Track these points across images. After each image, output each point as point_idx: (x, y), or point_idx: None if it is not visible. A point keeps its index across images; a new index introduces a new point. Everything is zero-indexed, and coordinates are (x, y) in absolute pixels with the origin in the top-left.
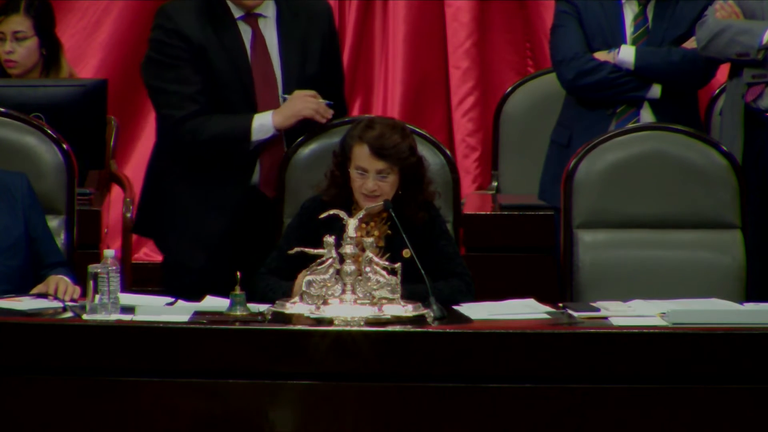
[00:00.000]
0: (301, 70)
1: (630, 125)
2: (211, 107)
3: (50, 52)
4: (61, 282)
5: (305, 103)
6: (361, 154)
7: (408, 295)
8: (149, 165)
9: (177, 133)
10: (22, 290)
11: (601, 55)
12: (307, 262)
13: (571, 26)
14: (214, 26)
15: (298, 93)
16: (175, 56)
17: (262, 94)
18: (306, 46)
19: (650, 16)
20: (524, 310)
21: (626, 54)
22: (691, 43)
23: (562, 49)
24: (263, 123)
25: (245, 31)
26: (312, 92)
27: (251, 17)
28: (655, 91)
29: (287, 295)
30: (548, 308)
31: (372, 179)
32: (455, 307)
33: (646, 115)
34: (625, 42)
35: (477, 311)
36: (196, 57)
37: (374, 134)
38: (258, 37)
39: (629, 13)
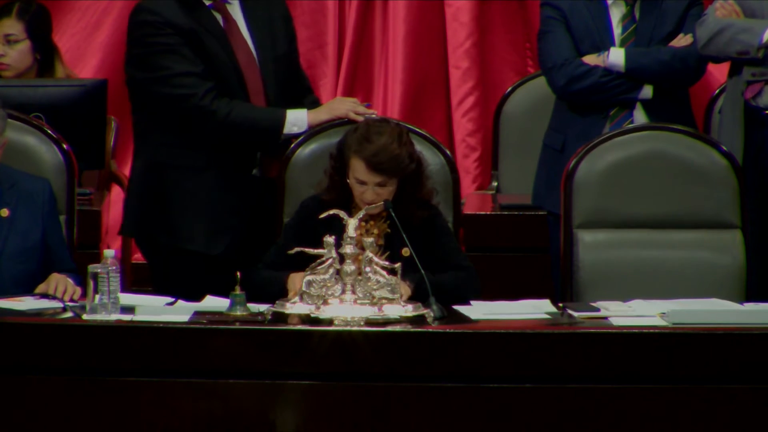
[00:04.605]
0: (274, 50)
1: (629, 126)
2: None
3: (45, 57)
4: (61, 281)
5: (342, 103)
6: (359, 168)
7: (415, 285)
8: (142, 165)
9: (199, 110)
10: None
11: (590, 59)
12: (306, 261)
13: (559, 31)
14: (193, 15)
15: (338, 97)
16: (172, 43)
17: (249, 77)
18: (272, 26)
19: (638, 15)
20: (525, 310)
21: (616, 56)
22: (679, 41)
23: (551, 56)
24: (299, 117)
25: (218, 18)
26: (353, 99)
27: (219, 4)
28: (647, 91)
29: (283, 286)
30: (550, 308)
31: (371, 190)
32: (455, 307)
33: (639, 116)
34: (613, 43)
35: (477, 311)
36: (190, 42)
37: (371, 150)
38: (231, 22)
39: (616, 14)
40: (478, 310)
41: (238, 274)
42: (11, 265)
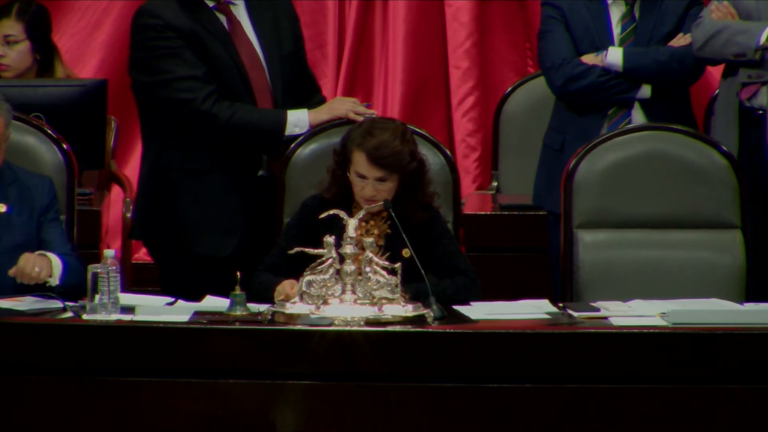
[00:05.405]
0: (279, 49)
1: (629, 126)
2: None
3: (44, 57)
4: (29, 259)
5: (342, 103)
6: (360, 161)
7: (413, 295)
8: (148, 168)
9: (201, 114)
10: (26, 289)
11: (588, 59)
12: (306, 261)
13: (558, 31)
14: (195, 17)
15: (338, 97)
16: (174, 47)
17: (253, 77)
18: (277, 26)
19: (637, 15)
20: (525, 310)
21: (614, 56)
22: (678, 41)
23: (550, 55)
24: (300, 118)
25: (221, 19)
26: (353, 99)
27: (223, 5)
28: (645, 91)
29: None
30: (550, 308)
31: (371, 185)
32: (455, 307)
33: (637, 116)
34: (612, 43)
35: (477, 311)
36: (192, 45)
37: (373, 143)
38: (235, 23)
39: (616, 14)
40: (478, 310)
41: (238, 274)
42: (6, 259)
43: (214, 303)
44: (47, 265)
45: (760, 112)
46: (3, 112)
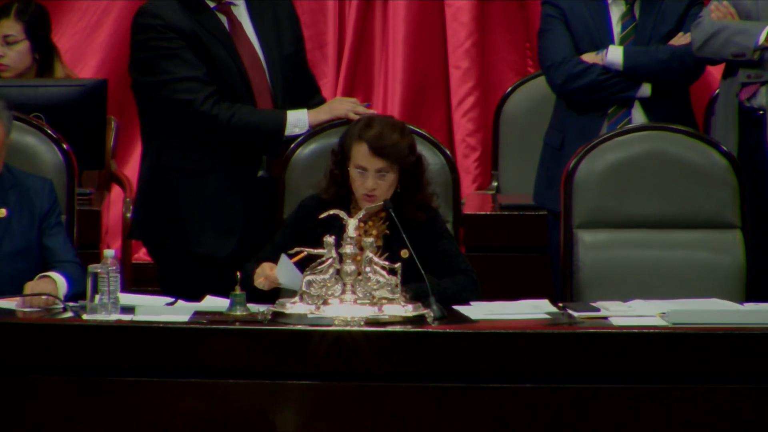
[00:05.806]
0: (280, 50)
1: (628, 125)
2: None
3: (44, 57)
4: (35, 288)
5: (342, 103)
6: (361, 152)
7: (414, 294)
8: (148, 169)
9: (201, 115)
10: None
11: (589, 57)
12: (303, 259)
13: (558, 30)
14: (196, 17)
15: (338, 97)
16: (175, 47)
17: (254, 78)
18: (278, 27)
19: (637, 14)
20: (525, 310)
21: (614, 55)
22: (678, 40)
23: (550, 54)
24: (300, 118)
25: (222, 20)
26: (353, 99)
27: (224, 6)
28: (645, 90)
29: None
30: (550, 308)
31: (371, 178)
32: (455, 307)
33: (637, 115)
34: (612, 42)
35: (477, 311)
36: (192, 45)
37: (373, 133)
38: (235, 24)
39: (616, 13)
40: (478, 310)
41: (238, 274)
42: (8, 264)
43: (214, 303)
44: (53, 288)
45: (761, 112)
46: (3, 120)
